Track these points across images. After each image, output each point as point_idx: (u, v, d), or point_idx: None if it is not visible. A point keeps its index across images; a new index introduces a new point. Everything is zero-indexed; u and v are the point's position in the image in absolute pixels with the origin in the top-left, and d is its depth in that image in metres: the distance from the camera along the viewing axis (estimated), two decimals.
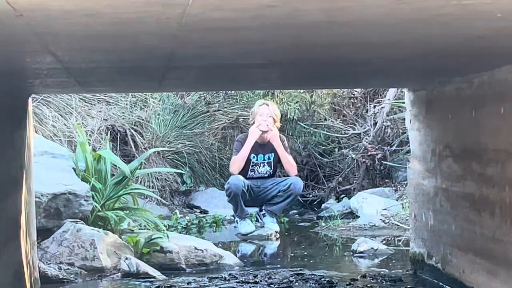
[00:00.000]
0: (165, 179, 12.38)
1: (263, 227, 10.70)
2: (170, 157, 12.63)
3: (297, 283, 6.80)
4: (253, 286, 6.67)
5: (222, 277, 7.20)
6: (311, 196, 13.17)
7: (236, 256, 8.37)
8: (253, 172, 11.19)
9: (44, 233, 7.44)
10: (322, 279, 6.90)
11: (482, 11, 3.16)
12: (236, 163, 11.14)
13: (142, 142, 12.48)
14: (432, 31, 3.75)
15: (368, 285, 6.54)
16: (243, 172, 11.11)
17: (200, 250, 8.06)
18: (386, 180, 13.19)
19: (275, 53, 4.54)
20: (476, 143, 5.83)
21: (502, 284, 5.42)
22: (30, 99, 6.66)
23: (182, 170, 12.53)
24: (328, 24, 3.42)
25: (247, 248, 9.42)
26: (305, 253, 8.97)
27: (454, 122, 6.31)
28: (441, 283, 6.50)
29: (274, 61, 5.00)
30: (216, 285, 6.78)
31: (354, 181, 13.22)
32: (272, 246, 9.69)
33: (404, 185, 11.10)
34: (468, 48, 4.45)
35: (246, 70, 5.68)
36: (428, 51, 4.55)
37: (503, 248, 5.36)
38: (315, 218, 12.09)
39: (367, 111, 13.48)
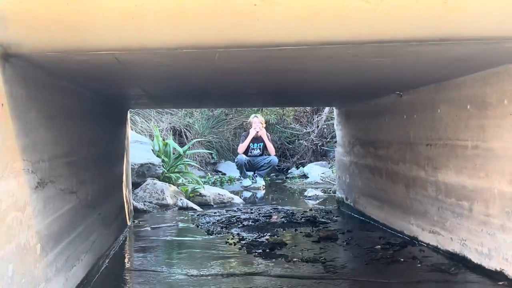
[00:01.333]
0: (202, 156, 12.32)
1: (255, 182, 10.69)
2: (205, 144, 12.56)
3: (274, 213, 6.79)
4: (250, 214, 6.67)
5: (233, 209, 7.19)
6: (282, 166, 13.06)
7: (240, 198, 8.36)
8: (250, 153, 11.18)
9: (135, 185, 7.44)
10: (288, 211, 6.89)
11: (375, 65, 3.16)
12: (241, 148, 11.16)
13: (189, 136, 12.43)
14: (347, 76, 3.75)
15: (313, 214, 6.52)
16: (245, 152, 11.14)
17: (221, 195, 8.05)
18: (324, 157, 13.15)
19: (262, 87, 4.54)
20: (372, 137, 5.85)
21: (385, 214, 5.45)
22: (128, 112, 6.65)
23: (211, 151, 12.51)
24: (292, 71, 3.41)
25: (247, 194, 9.37)
26: (279, 197, 8.96)
27: (360, 125, 6.31)
28: (353, 214, 6.50)
29: (262, 91, 5.00)
30: (229, 213, 6.77)
31: (306, 158, 13.18)
32: (260, 193, 9.65)
33: (333, 160, 11.07)
34: (367, 86, 4.44)
35: (247, 96, 5.67)
36: (346, 87, 4.55)
37: (386, 194, 5.39)
38: (284, 178, 12.03)
39: (313, 119, 13.47)
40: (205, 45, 2.37)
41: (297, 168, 12.70)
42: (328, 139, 13.00)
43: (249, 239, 5.10)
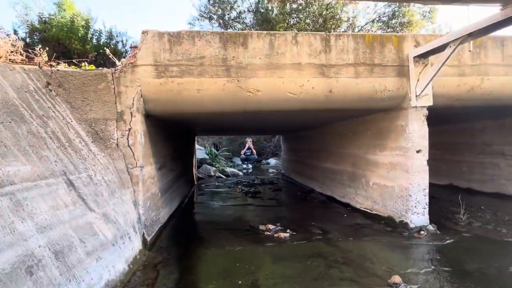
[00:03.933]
0: (225, 155, 12.13)
1: (248, 167, 10.54)
2: (227, 150, 12.39)
3: (256, 179, 6.68)
4: (246, 180, 6.55)
5: (239, 178, 7.02)
6: (259, 159, 12.79)
7: (242, 173, 8.23)
8: (246, 154, 10.91)
9: (198, 167, 7.24)
10: (262, 178, 6.73)
11: (298, 118, 3.18)
12: (242, 152, 10.97)
13: (220, 146, 12.30)
14: (287, 123, 3.71)
15: (272, 179, 6.45)
16: (244, 154, 11.07)
17: (234, 171, 7.84)
18: (276, 156, 13.01)
19: (252, 126, 4.49)
20: (297, 148, 5.80)
21: (301, 179, 5.37)
22: (196, 136, 6.53)
23: (230, 153, 12.37)
24: (264, 120, 3.36)
25: (245, 171, 9.20)
26: (258, 173, 8.83)
27: (292, 143, 6.26)
28: (289, 180, 6.35)
29: (251, 128, 4.93)
30: (237, 179, 6.63)
31: (269, 156, 13.07)
32: (250, 171, 9.51)
33: (280, 157, 10.97)
34: (294, 127, 4.45)
35: (245, 130, 5.58)
36: (286, 126, 4.54)
37: (303, 172, 5.33)
38: (260, 165, 11.84)
39: (272, 139, 13.37)
40: (228, 111, 2.44)
41: (265, 160, 12.57)
42: (278, 148, 12.92)
43: (245, 190, 5.06)
